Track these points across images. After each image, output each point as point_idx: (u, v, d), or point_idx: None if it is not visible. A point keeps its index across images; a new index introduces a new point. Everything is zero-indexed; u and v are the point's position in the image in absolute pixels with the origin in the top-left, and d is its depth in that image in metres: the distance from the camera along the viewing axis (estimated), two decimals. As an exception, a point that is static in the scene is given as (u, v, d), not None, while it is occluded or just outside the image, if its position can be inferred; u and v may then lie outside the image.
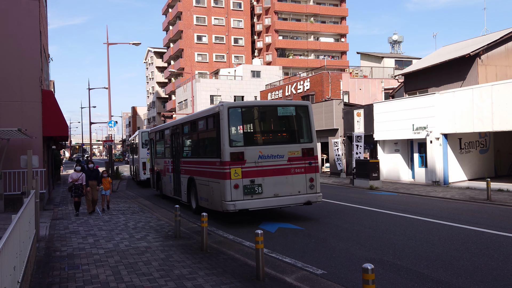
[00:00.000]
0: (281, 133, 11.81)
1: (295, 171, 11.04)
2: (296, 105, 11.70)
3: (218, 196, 10.89)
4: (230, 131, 10.71)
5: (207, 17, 62.59)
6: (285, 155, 11.00)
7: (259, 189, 10.61)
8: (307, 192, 11.15)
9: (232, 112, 10.88)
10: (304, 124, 11.57)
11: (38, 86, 13.98)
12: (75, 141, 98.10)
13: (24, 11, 13.96)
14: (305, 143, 11.35)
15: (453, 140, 19.24)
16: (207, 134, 12.20)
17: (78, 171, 13.32)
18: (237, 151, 10.58)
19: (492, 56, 20.45)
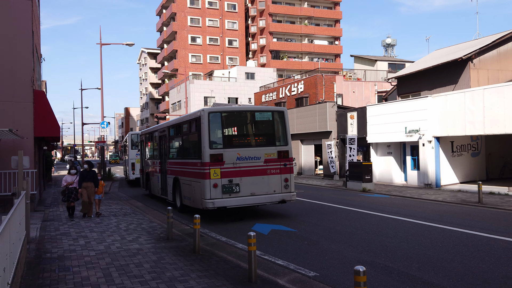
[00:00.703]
0: (258, 136, 12.52)
1: (271, 171, 11.86)
2: (272, 110, 12.63)
3: (199, 195, 11.61)
4: (210, 134, 11.46)
5: (201, 19, 62.55)
6: (261, 157, 11.80)
7: (236, 188, 11.41)
8: (282, 191, 11.98)
9: (212, 116, 11.71)
10: (280, 128, 12.37)
11: (30, 87, 13.88)
12: (67, 142, 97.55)
13: (17, 11, 13.86)
14: (281, 146, 12.16)
15: (445, 143, 19.35)
16: (190, 137, 12.96)
17: (73, 174, 12.74)
18: (216, 153, 11.36)
19: (484, 60, 20.62)
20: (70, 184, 12.57)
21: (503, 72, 21.11)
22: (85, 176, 12.68)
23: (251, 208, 14.04)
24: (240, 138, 12.42)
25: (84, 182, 12.60)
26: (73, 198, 12.53)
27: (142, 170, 20.29)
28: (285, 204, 14.93)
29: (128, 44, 26.99)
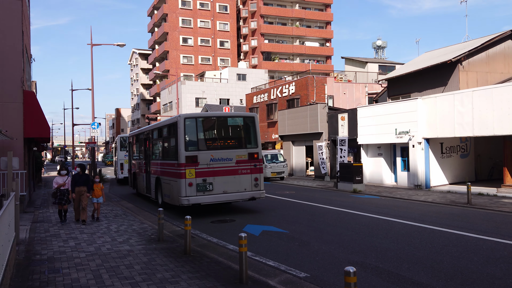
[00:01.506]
0: (231, 139, 13.55)
1: (242, 171, 12.97)
2: (244, 116, 14.06)
3: (176, 193, 12.71)
4: (186, 137, 12.60)
5: (193, 20, 62.45)
6: (233, 158, 12.89)
7: (210, 187, 12.53)
8: (252, 189, 13.11)
9: (188, 122, 12.80)
10: (251, 132, 13.54)
11: (20, 87, 13.77)
12: (57, 143, 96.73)
13: (6, 11, 13.74)
14: (251, 148, 13.29)
15: (434, 145, 19.53)
16: (169, 140, 14.07)
17: (63, 175, 12.01)
18: (191, 154, 12.47)
19: (473, 62, 20.85)
20: (61, 185, 11.86)
21: (491, 74, 21.36)
22: (77, 180, 11.77)
23: (242, 210, 14.06)
24: (213, 141, 13.45)
25: (77, 186, 11.70)
26: (66, 200, 11.83)
27: (129, 170, 21.29)
28: (277, 205, 15.02)
29: (119, 44, 26.85)
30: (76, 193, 11.68)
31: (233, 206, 14.99)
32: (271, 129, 35.20)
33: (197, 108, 51.82)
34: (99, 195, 12.24)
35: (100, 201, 12.28)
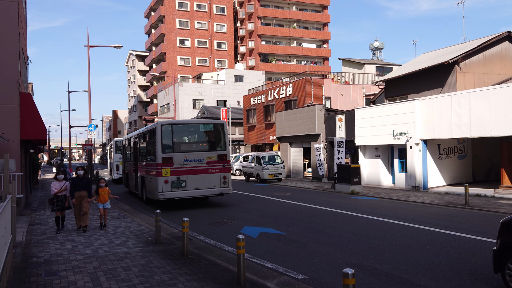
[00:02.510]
0: (202, 143, 15.48)
1: (211, 171, 14.85)
2: (214, 123, 15.71)
3: (155, 189, 14.58)
4: (163, 141, 14.45)
5: (190, 21, 62.43)
6: (204, 159, 14.78)
7: (183, 184, 14.44)
8: (221, 186, 15.02)
9: (164, 128, 14.69)
10: (221, 137, 15.41)
11: (16, 89, 13.70)
12: (54, 145, 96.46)
13: (2, 13, 13.69)
14: (221, 151, 15.18)
15: (432, 146, 19.55)
16: (150, 143, 15.74)
17: (60, 180, 11.03)
18: (167, 156, 14.32)
19: (471, 63, 20.90)
20: (59, 191, 10.87)
21: (488, 75, 21.42)
22: (77, 183, 10.86)
23: (239, 212, 14.04)
24: (187, 144, 15.28)
25: (77, 191, 10.79)
26: (63, 207, 10.88)
27: (123, 171, 23.23)
28: (274, 207, 15.01)
29: (116, 46, 26.81)
30: (76, 198, 10.78)
31: (230, 209, 14.97)
32: (268, 130, 35.20)
33: (195, 109, 51.78)
34: (105, 200, 11.31)
35: (107, 207, 11.35)
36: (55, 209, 10.84)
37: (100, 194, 11.30)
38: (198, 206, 15.70)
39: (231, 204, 16.03)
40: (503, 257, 5.95)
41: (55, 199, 10.85)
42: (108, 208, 11.52)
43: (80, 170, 11.09)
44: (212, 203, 16.46)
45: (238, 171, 34.49)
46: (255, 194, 19.38)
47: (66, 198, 10.95)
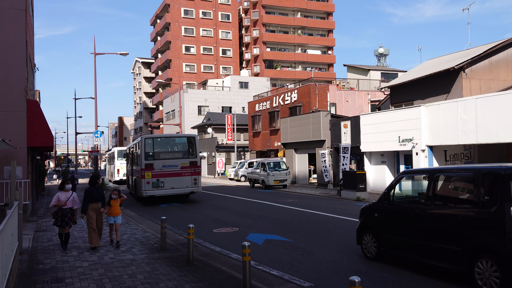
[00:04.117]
0: (177, 152, 19.48)
1: (184, 174, 18.75)
2: (187, 136, 20.18)
3: (139, 188, 18.78)
4: (146, 151, 18.43)
5: (195, 28, 62.78)
6: (179, 165, 18.74)
7: (161, 184, 18.39)
8: (192, 186, 18.95)
9: (147, 141, 18.71)
10: (193, 147, 19.36)
11: (23, 96, 13.81)
12: (60, 152, 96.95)
13: (10, 21, 13.82)
14: (192, 158, 19.11)
15: (438, 152, 19.45)
16: (138, 153, 19.63)
17: (67, 190, 9.44)
18: (149, 162, 18.35)
19: (476, 69, 20.82)
20: (63, 205, 9.26)
21: (494, 81, 21.32)
22: (92, 194, 9.47)
23: (244, 218, 14.02)
24: (165, 153, 19.10)
25: (92, 202, 9.42)
26: (67, 221, 9.31)
27: (126, 175, 27.10)
28: (280, 213, 15.00)
29: (122, 53, 26.99)
30: (93, 210, 9.41)
31: (236, 215, 14.94)
32: (273, 136, 35.20)
33: (200, 116, 51.91)
34: (117, 214, 9.89)
35: (118, 222, 9.93)
36: (58, 224, 9.26)
37: (112, 206, 9.91)
38: (204, 213, 15.71)
39: (236, 211, 16.02)
40: (360, 233, 8.48)
41: (59, 212, 9.27)
42: (120, 223, 10.16)
43: (94, 178, 9.82)
44: (217, 210, 16.46)
45: (243, 178, 34.45)
46: (260, 201, 19.36)
47: (72, 212, 9.39)
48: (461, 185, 7.11)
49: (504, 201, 5.85)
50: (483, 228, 6.07)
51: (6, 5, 13.84)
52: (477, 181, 6.41)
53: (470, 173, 6.77)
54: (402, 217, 7.49)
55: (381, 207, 8.14)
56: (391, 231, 7.67)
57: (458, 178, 7.21)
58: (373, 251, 8.02)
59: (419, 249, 7.00)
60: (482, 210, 6.15)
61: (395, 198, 8.02)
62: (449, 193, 7.20)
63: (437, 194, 7.10)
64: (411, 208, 7.40)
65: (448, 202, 7.03)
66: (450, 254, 6.44)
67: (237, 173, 36.30)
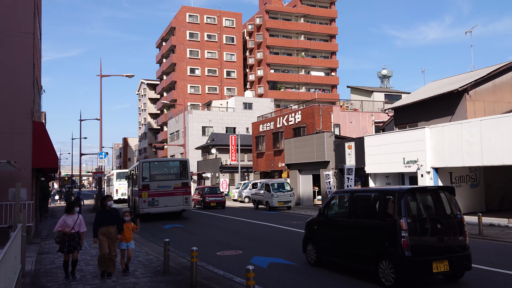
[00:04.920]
0: (171, 174, 21.56)
1: (177, 194, 20.92)
2: (180, 160, 23.06)
3: (138, 206, 20.85)
4: (143, 173, 20.79)
5: (200, 51, 63.56)
6: (172, 186, 20.94)
7: (156, 203, 20.66)
8: (183, 205, 21.18)
9: (144, 164, 21.17)
10: (185, 170, 21.57)
11: (30, 118, 13.93)
12: (65, 172, 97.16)
13: (18, 44, 14.05)
14: (184, 180, 21.32)
15: (443, 174, 19.34)
16: (136, 175, 21.93)
17: (73, 213, 8.73)
18: (145, 183, 20.71)
19: (480, 91, 20.88)
20: (68, 232, 8.50)
21: (498, 103, 21.34)
22: (104, 217, 8.76)
23: (249, 241, 13.90)
24: (160, 175, 21.34)
25: (103, 226, 8.70)
26: (75, 245, 8.58)
27: (128, 196, 28.66)
28: (284, 236, 14.87)
29: (128, 75, 27.30)
30: (104, 235, 8.68)
31: (239, 238, 14.82)
32: (277, 157, 35.18)
33: (204, 136, 52.08)
34: (130, 239, 9.15)
35: (131, 247, 9.24)
36: (65, 250, 8.51)
37: (124, 230, 9.05)
38: (207, 235, 15.59)
39: (240, 233, 15.90)
40: (305, 243, 10.04)
41: (66, 239, 8.51)
42: (133, 248, 9.48)
43: (109, 201, 9.00)
44: (221, 231, 16.33)
45: (247, 199, 34.29)
46: (264, 222, 19.22)
47: (80, 236, 8.71)
48: (371, 203, 8.54)
49: (397, 215, 7.49)
50: (383, 237, 7.71)
51: (15, 28, 14.09)
52: (380, 199, 8.12)
53: (376, 193, 8.50)
54: (333, 228, 9.24)
55: (319, 220, 9.75)
56: (326, 240, 9.34)
57: (369, 197, 8.82)
58: (314, 257, 9.64)
59: (344, 254, 8.69)
60: (383, 222, 7.82)
61: (329, 213, 9.61)
62: (363, 209, 8.68)
63: (355, 209, 8.73)
64: (338, 221, 9.16)
65: (362, 216, 8.53)
66: (364, 257, 8.06)
67: (241, 194, 36.15)
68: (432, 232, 7.61)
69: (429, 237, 7.60)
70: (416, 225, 7.48)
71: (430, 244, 7.55)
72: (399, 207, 7.51)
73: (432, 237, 7.61)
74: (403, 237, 7.27)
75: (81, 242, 8.77)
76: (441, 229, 7.65)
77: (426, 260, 7.32)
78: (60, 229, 8.51)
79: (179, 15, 63.46)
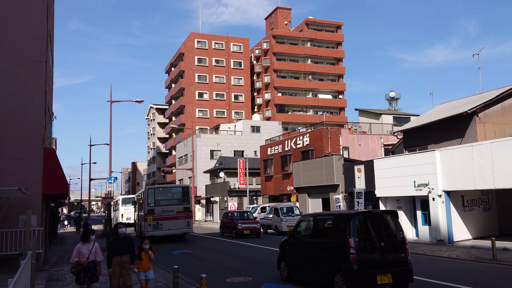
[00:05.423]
0: (174, 199, 23.03)
1: (179, 218, 22.39)
2: (182, 186, 24.75)
3: (143, 229, 22.46)
4: (148, 199, 22.23)
5: (208, 75, 64.27)
6: (175, 210, 22.45)
7: (161, 226, 22.02)
8: (186, 228, 22.61)
9: (149, 190, 22.72)
10: (187, 195, 23.24)
11: (41, 145, 14.07)
12: (74, 198, 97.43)
13: (31, 72, 14.31)
14: (186, 205, 22.88)
15: (455, 198, 19.08)
16: (142, 200, 23.53)
17: (89, 242, 8.38)
18: (150, 208, 22.10)
19: (490, 114, 20.77)
20: (83, 262, 8.19)
21: (509, 126, 21.19)
22: (118, 246, 8.48)
23: (258, 266, 13.72)
24: (164, 201, 22.76)
25: (117, 255, 8.42)
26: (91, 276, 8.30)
27: (135, 221, 29.53)
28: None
29: (137, 101, 27.54)
30: (117, 265, 8.41)
31: (247, 263, 14.63)
32: (286, 181, 35.02)
33: (212, 160, 52.13)
34: (148, 268, 8.83)
35: (150, 277, 8.96)
36: (81, 281, 8.19)
37: (143, 260, 8.75)
38: (216, 261, 15.42)
39: (249, 259, 15.70)
40: (279, 261, 11.43)
41: (81, 269, 8.17)
42: (152, 278, 9.13)
43: (122, 228, 8.69)
44: (230, 257, 16.15)
45: (256, 223, 33.95)
46: (274, 248, 18.98)
47: (95, 265, 8.39)
48: (328, 225, 9.92)
49: (347, 235, 8.78)
50: (337, 254, 8.99)
51: (28, 57, 14.39)
52: (335, 222, 9.59)
53: (332, 217, 10.02)
54: (300, 247, 10.63)
55: (289, 241, 11.17)
56: (295, 258, 10.69)
57: (327, 220, 10.16)
58: (286, 274, 10.92)
59: (308, 270, 10.00)
60: (337, 241, 9.10)
61: (297, 235, 11.00)
62: (323, 230, 10.02)
63: (317, 231, 10.13)
64: (304, 241, 10.59)
65: (322, 236, 9.89)
66: (323, 272, 9.36)
67: (249, 219, 35.82)
68: (377, 250, 8.90)
69: (374, 254, 8.87)
70: (363, 244, 8.76)
71: (375, 260, 8.81)
72: (348, 228, 8.82)
73: (377, 254, 8.88)
74: (351, 253, 8.57)
75: (98, 272, 8.40)
76: (385, 247, 8.91)
77: (372, 273, 8.54)
78: (77, 259, 8.15)
79: (188, 41, 64.51)
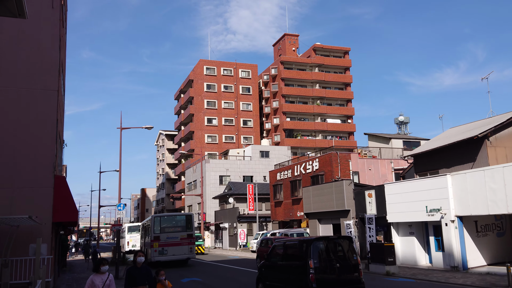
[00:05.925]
0: (178, 227, 24.73)
1: (183, 244, 24.03)
2: (186, 215, 25.93)
3: (149, 255, 23.68)
4: (154, 226, 23.97)
5: (217, 101, 64.86)
6: (179, 237, 24.10)
7: (166, 252, 23.61)
8: (189, 254, 24.28)
9: (155, 218, 24.64)
10: (190, 223, 24.96)
11: (51, 173, 14.16)
12: (83, 225, 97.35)
13: (43, 101, 14.54)
14: (189, 231, 24.67)
15: (468, 223, 18.74)
16: (148, 228, 25.43)
17: (103, 273, 7.84)
18: (156, 235, 23.84)
19: (501, 137, 20.58)
20: None
21: (521, 149, 20.92)
22: (135, 276, 8.04)
23: None
24: (168, 228, 24.48)
25: (134, 286, 8.01)
26: None
27: (141, 247, 31.24)
28: None
29: (147, 127, 27.81)
30: None
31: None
32: (295, 206, 34.72)
33: (221, 186, 52.02)
34: None
35: None
36: None
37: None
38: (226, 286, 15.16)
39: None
40: (257, 282, 12.94)
41: None
42: None
43: (140, 257, 8.26)
44: (240, 286, 15.88)
45: (266, 250, 33.55)
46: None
47: None
48: (294, 249, 11.49)
49: (307, 258, 10.33)
50: (299, 273, 10.50)
51: (40, 86, 14.65)
52: (299, 246, 11.20)
53: (296, 242, 11.70)
54: (272, 270, 12.21)
55: (265, 264, 12.73)
56: (269, 279, 12.23)
57: (294, 245, 11.75)
58: None
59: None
60: (300, 263, 10.66)
61: (271, 258, 12.48)
62: (290, 254, 11.59)
63: (286, 254, 11.73)
64: (276, 264, 12.15)
65: (289, 259, 11.51)
66: None
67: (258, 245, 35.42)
68: (333, 270, 10.49)
69: (331, 274, 10.41)
70: (321, 265, 10.37)
71: (332, 279, 10.39)
72: (309, 252, 10.40)
73: (333, 273, 10.44)
74: (311, 273, 10.05)
75: None
76: (340, 268, 10.51)
77: None
78: None
79: (197, 68, 65.43)
